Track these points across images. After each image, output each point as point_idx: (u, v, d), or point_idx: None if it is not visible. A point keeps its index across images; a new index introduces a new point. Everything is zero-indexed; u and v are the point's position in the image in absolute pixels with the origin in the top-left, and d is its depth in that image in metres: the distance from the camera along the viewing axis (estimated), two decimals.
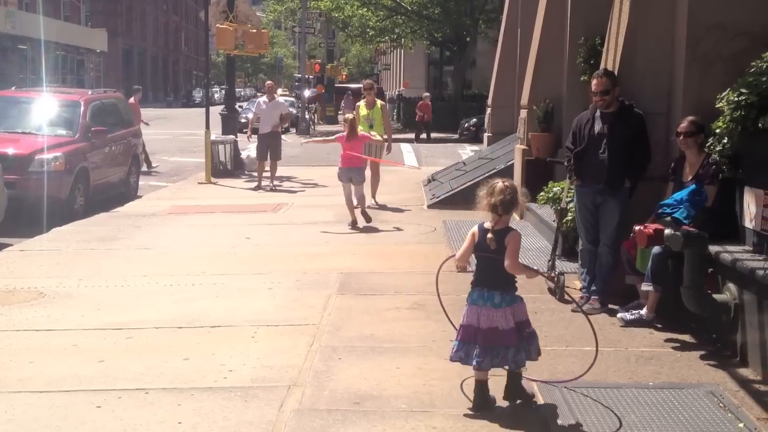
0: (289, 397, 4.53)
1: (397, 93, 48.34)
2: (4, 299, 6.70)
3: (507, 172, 11.47)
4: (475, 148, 21.80)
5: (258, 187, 14.16)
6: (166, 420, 4.23)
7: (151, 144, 21.15)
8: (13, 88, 15.99)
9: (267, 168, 14.45)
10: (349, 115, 10.69)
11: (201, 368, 5.03)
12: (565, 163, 6.65)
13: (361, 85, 14.40)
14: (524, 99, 11.14)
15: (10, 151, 10.88)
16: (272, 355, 5.24)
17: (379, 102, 12.34)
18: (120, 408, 4.41)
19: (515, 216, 10.90)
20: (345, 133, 10.22)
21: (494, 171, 11.92)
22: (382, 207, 11.80)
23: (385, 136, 12.16)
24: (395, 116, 40.31)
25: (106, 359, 5.22)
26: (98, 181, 12.47)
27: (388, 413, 4.30)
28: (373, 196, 12.06)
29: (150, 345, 5.54)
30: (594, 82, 6.16)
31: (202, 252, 8.72)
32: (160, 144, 23.56)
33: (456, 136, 28.94)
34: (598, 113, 6.21)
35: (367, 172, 12.18)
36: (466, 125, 28.56)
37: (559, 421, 4.16)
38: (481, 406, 4.25)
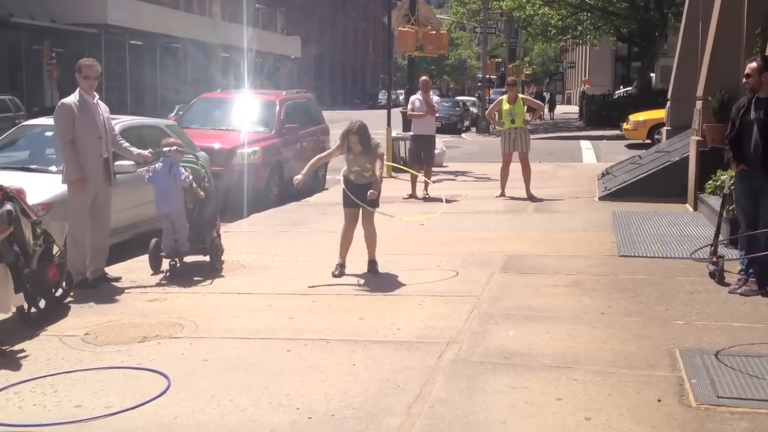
0: (447, 351, 5.15)
1: (580, 91, 47.69)
2: (213, 271, 7.80)
3: (682, 164, 11.46)
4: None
5: (411, 196, 12.72)
6: (343, 362, 4.99)
7: None
8: (218, 90, 17.77)
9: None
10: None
11: (373, 326, 5.76)
12: (725, 150, 6.79)
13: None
14: (700, 90, 11.07)
15: (216, 145, 12.27)
16: (435, 319, 5.88)
17: (520, 96, 12.85)
18: (305, 352, 5.22)
19: (688, 207, 10.89)
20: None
21: (668, 163, 11.92)
22: (539, 200, 12.06)
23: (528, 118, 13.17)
24: (578, 114, 39.92)
25: (295, 317, 6.09)
26: (291, 174, 13.68)
27: (534, 367, 4.81)
28: (527, 190, 12.39)
29: (331, 307, 6.36)
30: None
31: (379, 235, 9.43)
32: None
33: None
34: (754, 99, 6.34)
35: (518, 167, 12.58)
36: None
37: (694, 380, 4.47)
38: None
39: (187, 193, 7.70)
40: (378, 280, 7.16)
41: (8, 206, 5.67)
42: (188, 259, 7.83)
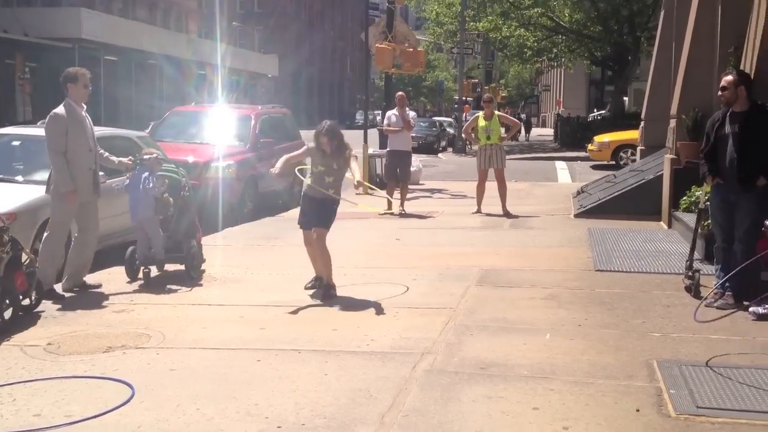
0: (422, 361, 5.03)
1: (555, 113, 48.13)
2: (184, 282, 7.62)
3: (656, 183, 11.48)
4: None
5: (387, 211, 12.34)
6: (315, 372, 4.85)
7: None
8: (192, 104, 17.60)
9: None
10: None
11: (347, 337, 5.63)
12: (700, 165, 6.78)
13: None
14: (674, 109, 11.12)
15: (190, 159, 12.09)
16: (410, 330, 5.76)
17: (497, 113, 12.85)
18: (276, 362, 5.08)
19: (663, 225, 10.89)
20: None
21: (643, 181, 11.95)
22: (515, 217, 12.01)
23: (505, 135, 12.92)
24: (553, 136, 40.24)
25: (267, 327, 5.94)
26: (265, 189, 13.55)
27: (511, 377, 4.70)
28: (503, 206, 12.34)
29: (304, 318, 6.23)
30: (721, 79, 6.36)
31: (355, 250, 9.38)
32: None
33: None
34: (729, 113, 6.35)
35: (493, 184, 12.50)
36: None
37: (672, 391, 4.39)
38: None
39: (158, 203, 7.69)
40: (352, 293, 7.02)
41: None
42: (170, 267, 7.75)
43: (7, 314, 5.95)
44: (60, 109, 6.97)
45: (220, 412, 4.21)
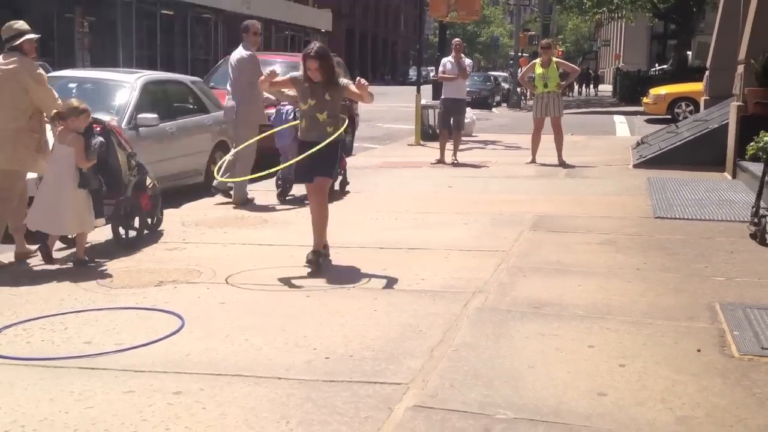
0: (473, 300, 4.92)
1: (614, 68, 46.92)
2: (236, 224, 7.64)
3: (720, 132, 11.06)
4: None
5: (439, 161, 12.38)
6: (364, 308, 4.78)
7: (369, 113, 22.28)
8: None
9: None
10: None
11: (397, 276, 5.53)
12: None
13: None
14: (742, 53, 10.65)
15: None
16: (462, 271, 5.65)
17: (554, 59, 12.47)
18: (326, 298, 5.03)
19: (727, 175, 10.50)
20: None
21: (706, 131, 11.53)
22: (571, 167, 11.73)
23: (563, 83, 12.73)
24: (612, 91, 39.25)
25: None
26: None
27: (565, 316, 4.56)
28: (559, 156, 12.08)
29: (354, 259, 6.13)
30: None
31: (406, 196, 9.30)
32: (377, 114, 24.67)
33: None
34: None
35: (550, 136, 12.18)
36: None
37: (736, 332, 4.20)
38: None
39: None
40: (403, 236, 6.92)
41: (100, 138, 5.98)
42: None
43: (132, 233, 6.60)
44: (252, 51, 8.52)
45: (268, 342, 4.18)
